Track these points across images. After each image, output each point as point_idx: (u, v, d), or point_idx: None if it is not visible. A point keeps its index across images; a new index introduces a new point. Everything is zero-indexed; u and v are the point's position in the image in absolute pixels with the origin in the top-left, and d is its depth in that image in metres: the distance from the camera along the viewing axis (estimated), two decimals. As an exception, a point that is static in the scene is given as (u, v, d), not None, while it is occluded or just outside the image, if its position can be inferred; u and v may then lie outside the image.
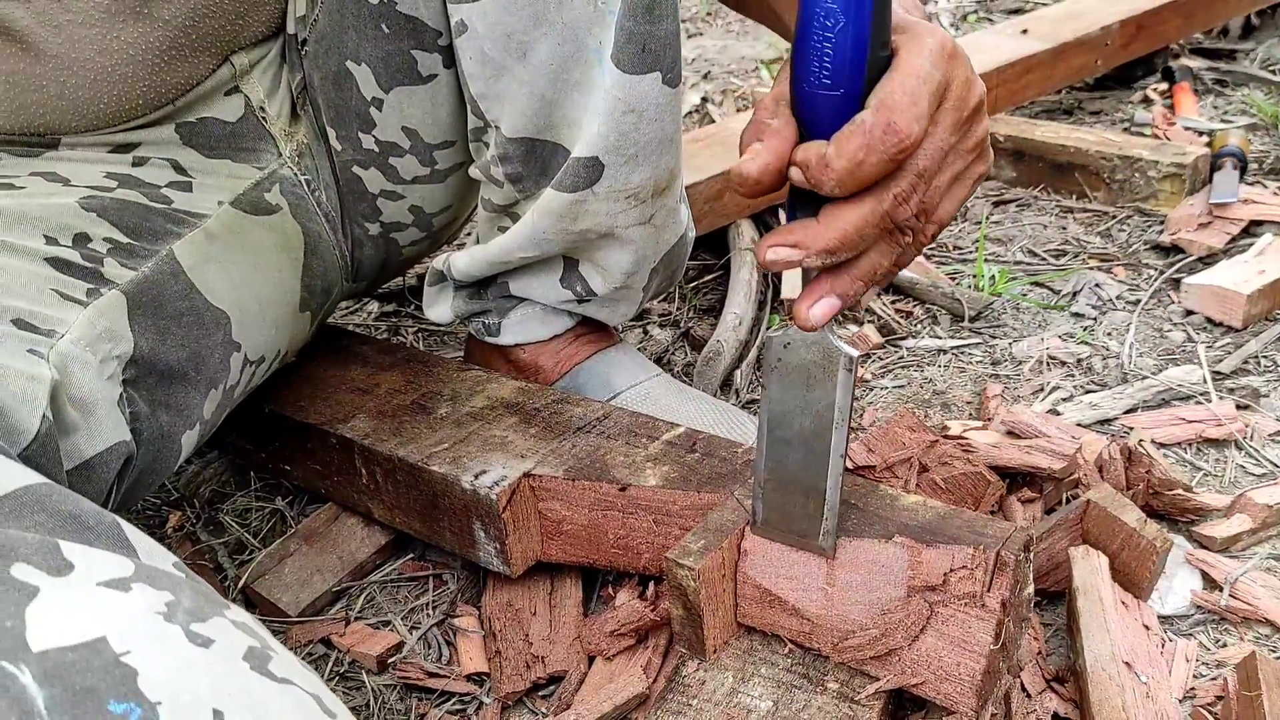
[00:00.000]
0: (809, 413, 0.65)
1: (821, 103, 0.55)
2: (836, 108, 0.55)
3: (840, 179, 0.55)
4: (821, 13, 0.52)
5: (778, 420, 0.67)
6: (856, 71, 0.54)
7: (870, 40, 0.53)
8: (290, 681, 0.44)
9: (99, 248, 0.75)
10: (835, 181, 0.55)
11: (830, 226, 0.57)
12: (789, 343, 0.64)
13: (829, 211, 0.58)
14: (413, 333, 1.36)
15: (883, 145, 0.54)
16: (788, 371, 0.65)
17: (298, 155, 0.92)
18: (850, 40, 0.53)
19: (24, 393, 0.62)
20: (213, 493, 1.08)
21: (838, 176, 0.55)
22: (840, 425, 0.64)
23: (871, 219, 0.57)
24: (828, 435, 0.65)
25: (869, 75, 0.54)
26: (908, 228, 0.59)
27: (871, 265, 0.60)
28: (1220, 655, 0.78)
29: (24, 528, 0.46)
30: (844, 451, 0.66)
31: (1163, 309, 1.25)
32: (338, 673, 0.86)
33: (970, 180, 0.62)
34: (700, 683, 0.72)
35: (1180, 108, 1.78)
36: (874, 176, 0.56)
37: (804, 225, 0.58)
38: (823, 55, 0.53)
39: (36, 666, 0.39)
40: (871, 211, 0.57)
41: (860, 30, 0.53)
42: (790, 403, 0.66)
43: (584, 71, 0.80)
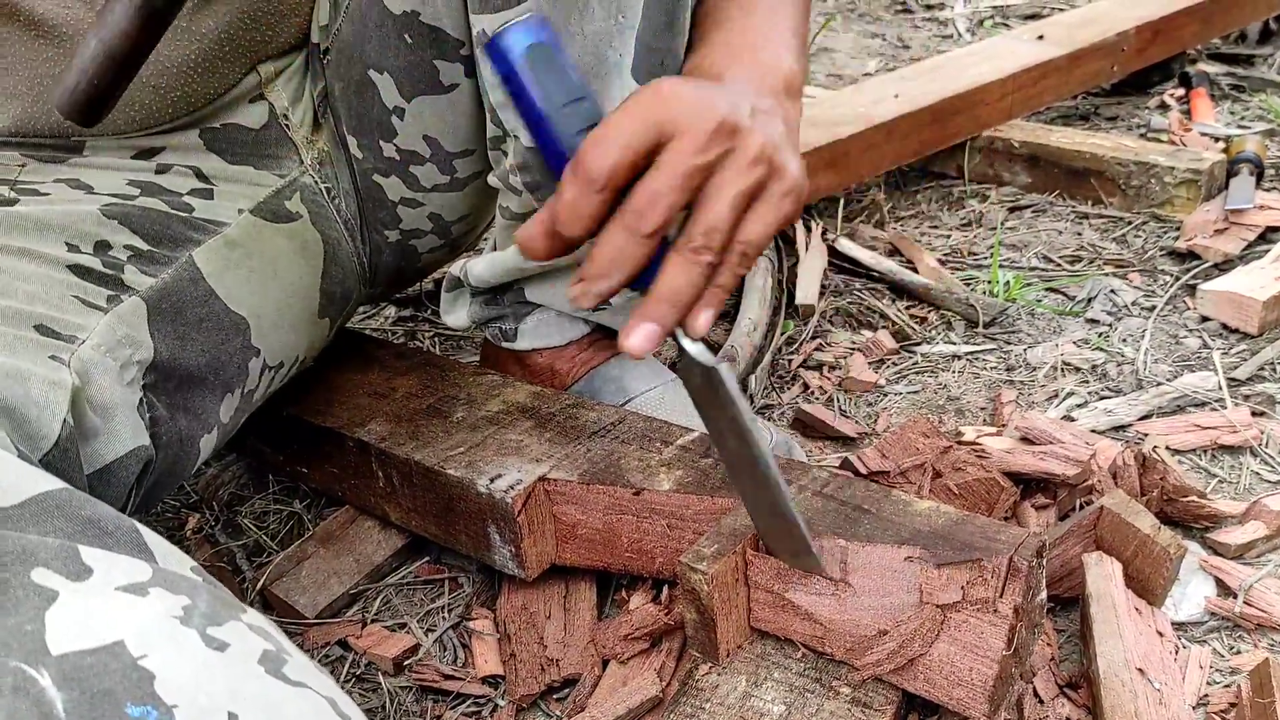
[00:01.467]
0: (730, 429, 0.65)
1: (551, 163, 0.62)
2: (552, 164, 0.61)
3: (564, 219, 0.60)
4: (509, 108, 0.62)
5: (720, 449, 0.68)
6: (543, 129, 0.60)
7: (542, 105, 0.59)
8: (305, 685, 0.45)
9: (120, 255, 0.76)
10: (561, 222, 0.60)
11: (592, 253, 0.61)
12: (687, 376, 0.65)
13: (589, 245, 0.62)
14: (429, 337, 1.36)
15: (579, 182, 0.59)
16: (699, 400, 0.65)
17: (319, 163, 0.92)
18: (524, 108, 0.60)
19: (45, 398, 0.63)
20: (231, 495, 1.09)
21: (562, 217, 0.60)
22: (750, 425, 0.64)
23: (618, 234, 0.60)
24: (749, 441, 0.64)
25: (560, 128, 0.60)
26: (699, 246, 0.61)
27: (671, 286, 0.62)
28: (1234, 662, 0.78)
29: (44, 533, 0.47)
30: (770, 442, 0.65)
31: (1178, 315, 1.24)
32: (354, 674, 0.86)
33: (771, 199, 0.64)
34: (713, 686, 0.72)
35: (1197, 113, 1.77)
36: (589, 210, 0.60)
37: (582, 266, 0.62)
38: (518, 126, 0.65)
39: (56, 670, 0.40)
40: (616, 228, 0.60)
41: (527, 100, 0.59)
42: (718, 428, 0.66)
43: (603, 83, 0.81)
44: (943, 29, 2.55)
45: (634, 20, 0.78)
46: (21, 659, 0.40)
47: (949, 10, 2.65)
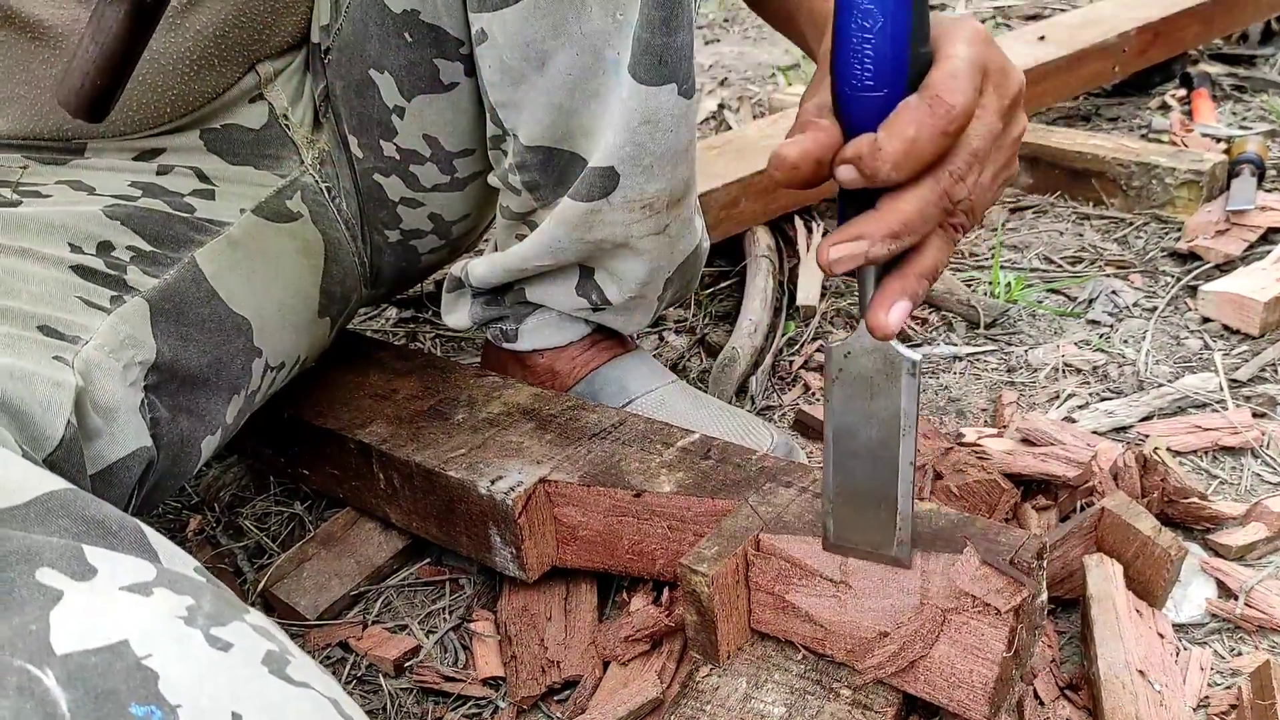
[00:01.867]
0: (875, 422, 0.64)
1: (865, 104, 0.54)
2: (880, 108, 0.54)
3: (896, 160, 0.54)
4: (860, 14, 0.51)
5: (843, 432, 0.65)
6: (899, 70, 0.53)
7: (910, 37, 0.52)
8: (308, 685, 0.45)
9: (122, 256, 0.76)
10: (891, 164, 0.54)
11: (891, 211, 0.56)
12: (849, 352, 0.63)
13: (887, 199, 0.56)
14: (430, 338, 1.37)
15: (933, 120, 0.53)
16: (849, 382, 0.63)
17: (319, 162, 0.93)
18: (890, 39, 0.52)
19: (49, 399, 0.63)
20: (233, 497, 1.09)
21: (893, 158, 0.53)
22: (908, 432, 0.63)
23: (932, 198, 0.56)
24: (895, 443, 0.63)
25: (911, 74, 0.54)
26: (959, 221, 0.58)
27: (933, 260, 0.58)
28: (1235, 664, 0.78)
29: (49, 532, 0.47)
30: (913, 459, 0.64)
31: (1179, 316, 1.24)
32: (355, 676, 0.86)
33: (1004, 179, 0.61)
34: (714, 688, 0.72)
35: (1198, 114, 1.77)
36: (929, 154, 0.54)
37: (863, 218, 0.56)
38: (863, 56, 0.53)
39: (60, 669, 0.40)
40: (931, 190, 0.56)
41: (900, 28, 0.52)
42: (855, 413, 0.64)
43: (601, 82, 0.81)
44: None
45: (631, 18, 0.78)
46: (26, 659, 0.40)
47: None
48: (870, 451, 0.65)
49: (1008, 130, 0.59)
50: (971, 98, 0.54)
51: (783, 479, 0.79)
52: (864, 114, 0.54)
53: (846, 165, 0.55)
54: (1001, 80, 0.57)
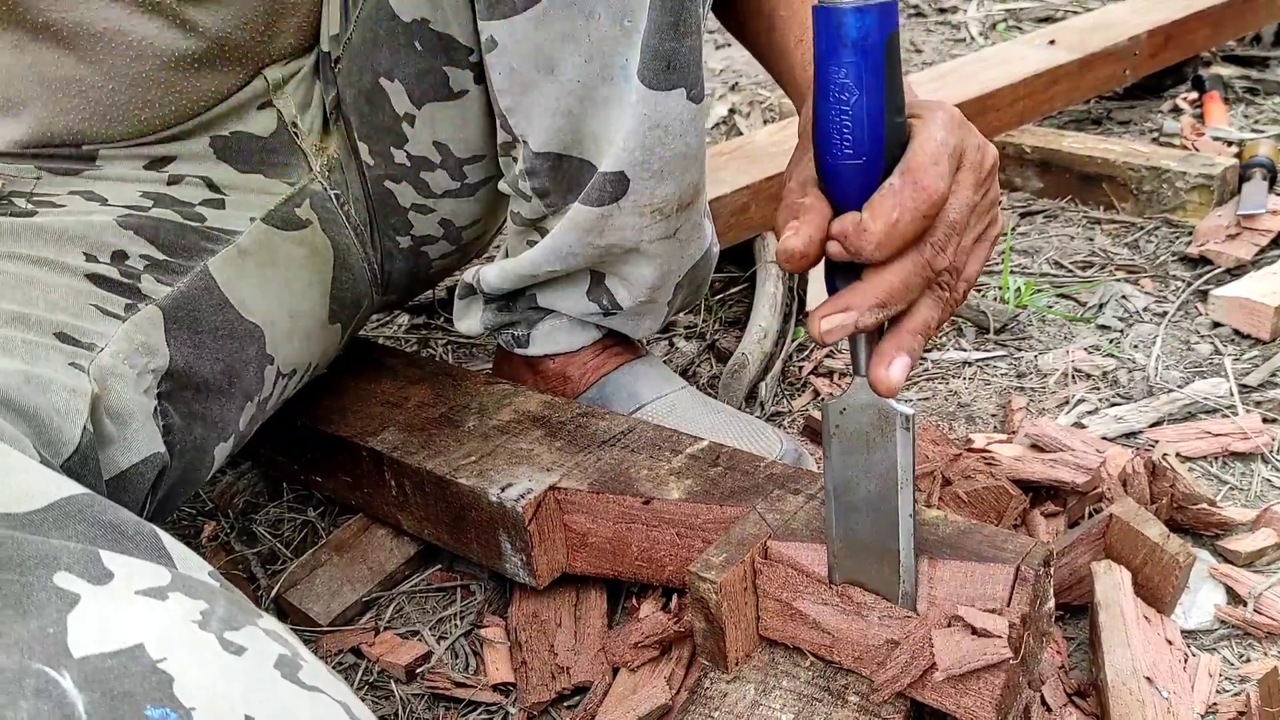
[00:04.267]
0: (873, 475, 0.66)
1: (847, 173, 0.58)
2: (862, 176, 0.58)
3: (879, 241, 0.58)
4: (836, 88, 0.55)
5: (843, 486, 0.67)
6: (876, 139, 0.57)
7: (885, 108, 0.56)
8: (320, 689, 0.46)
9: (136, 264, 0.77)
10: (875, 244, 0.58)
11: (877, 283, 0.60)
12: (844, 409, 0.65)
13: (872, 270, 0.60)
14: (442, 345, 1.37)
15: (914, 203, 0.58)
16: (846, 437, 0.65)
17: (328, 170, 0.93)
18: (866, 110, 0.55)
19: (66, 405, 0.64)
20: (246, 503, 1.10)
21: (876, 239, 0.58)
22: (905, 485, 0.65)
23: (914, 269, 0.60)
24: (894, 497, 0.66)
25: (888, 142, 0.57)
26: (945, 281, 0.62)
27: (924, 318, 0.62)
28: (1244, 670, 0.78)
29: (66, 537, 0.48)
30: (912, 511, 0.66)
31: (1190, 321, 1.24)
32: (367, 682, 0.87)
33: (989, 241, 0.66)
34: (722, 695, 0.72)
35: (1210, 117, 1.77)
36: (910, 235, 0.59)
37: (850, 290, 0.61)
38: (842, 128, 0.56)
39: (77, 672, 0.41)
40: (914, 262, 0.60)
41: (875, 100, 0.55)
42: (853, 468, 0.66)
43: (611, 88, 0.81)
44: (955, 33, 2.55)
45: (640, 24, 0.78)
46: (44, 661, 0.41)
47: (961, 14, 2.65)
48: (870, 505, 0.67)
49: (984, 200, 0.64)
50: (949, 181, 0.59)
51: (791, 486, 0.80)
52: (847, 183, 0.58)
53: (833, 242, 0.60)
54: (976, 158, 0.62)
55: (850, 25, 0.54)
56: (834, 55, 0.54)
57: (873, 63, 0.54)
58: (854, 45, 0.54)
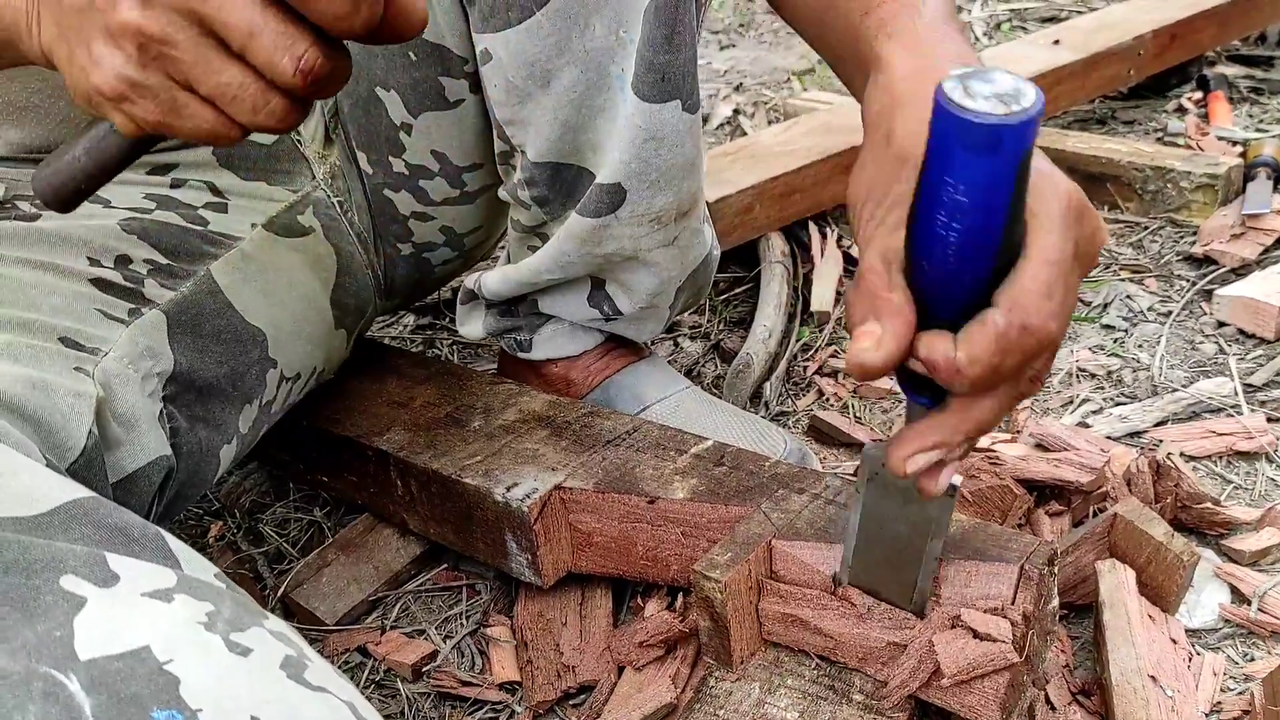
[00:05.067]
0: (905, 521, 0.65)
1: (945, 282, 0.48)
2: (964, 287, 0.49)
3: (974, 383, 0.50)
4: (948, 203, 0.45)
5: (871, 525, 0.67)
6: (987, 258, 0.47)
7: (1005, 230, 0.46)
8: (325, 690, 0.46)
9: (139, 269, 0.78)
10: (969, 385, 0.51)
11: (968, 417, 0.53)
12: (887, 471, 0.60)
13: (962, 402, 0.53)
14: (448, 345, 1.38)
15: (1020, 346, 0.49)
16: (883, 485, 0.64)
17: (330, 178, 0.94)
18: (980, 229, 0.46)
19: (71, 409, 0.64)
20: (253, 503, 1.11)
21: (973, 380, 0.50)
22: (937, 535, 0.65)
23: (1009, 401, 0.54)
24: (922, 544, 0.66)
25: (1001, 258, 0.48)
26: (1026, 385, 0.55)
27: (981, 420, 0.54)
28: (1248, 669, 0.78)
29: (72, 540, 0.48)
30: (939, 555, 0.66)
31: (1194, 321, 1.24)
32: (373, 681, 0.87)
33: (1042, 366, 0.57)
34: (727, 693, 0.73)
35: (1214, 117, 1.77)
36: (1011, 375, 0.51)
37: (937, 423, 0.54)
38: (947, 241, 0.46)
39: (84, 674, 0.41)
40: (1007, 397, 0.53)
41: (994, 221, 0.45)
42: (884, 511, 0.66)
43: (606, 98, 0.82)
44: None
45: (634, 35, 0.78)
46: (51, 664, 0.41)
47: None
48: (895, 545, 0.66)
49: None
50: (1063, 318, 0.50)
51: (795, 485, 0.80)
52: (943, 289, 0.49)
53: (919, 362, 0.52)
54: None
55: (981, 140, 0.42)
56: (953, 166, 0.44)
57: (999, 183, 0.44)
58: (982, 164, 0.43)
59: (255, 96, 0.51)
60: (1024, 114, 0.42)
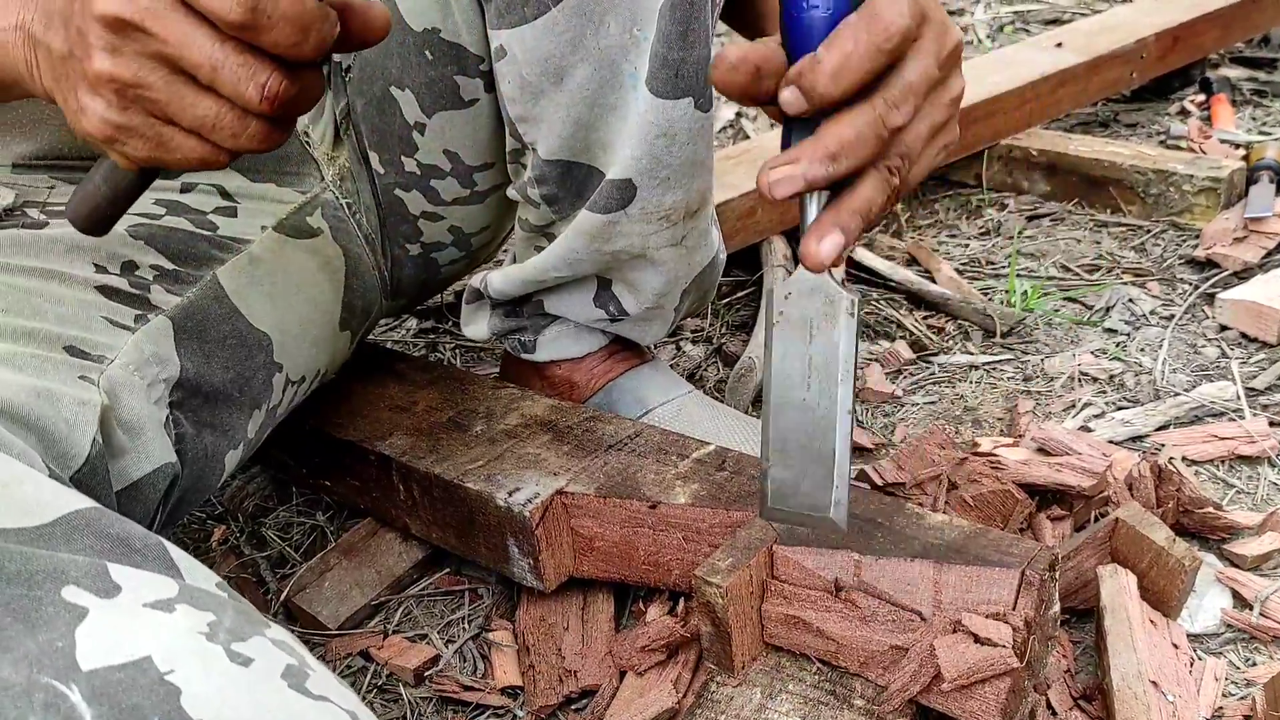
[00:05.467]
0: (814, 367, 0.62)
1: (810, 25, 0.56)
2: (822, 28, 0.56)
3: (833, 70, 0.55)
4: None
5: (782, 380, 0.63)
6: None
7: None
8: (327, 699, 0.46)
9: (146, 275, 0.78)
10: (829, 75, 0.55)
11: (828, 134, 0.57)
12: (790, 293, 0.62)
13: (825, 123, 0.57)
14: (450, 349, 1.38)
15: (870, 34, 0.55)
16: (790, 324, 0.62)
17: (339, 179, 0.94)
18: None
19: (75, 417, 0.65)
20: (256, 507, 1.11)
21: (831, 69, 0.55)
22: (845, 378, 0.62)
23: (868, 121, 0.56)
24: (834, 389, 0.62)
25: None
26: (895, 165, 0.59)
27: (867, 197, 0.59)
28: (1249, 674, 0.78)
29: (74, 551, 0.48)
30: (851, 408, 0.62)
31: (1197, 324, 1.24)
32: (376, 685, 0.88)
33: (941, 143, 0.62)
34: (729, 698, 0.73)
35: (1217, 120, 1.77)
36: (866, 69, 0.55)
37: (801, 143, 0.58)
38: None
39: (86, 685, 0.41)
40: (867, 115, 0.56)
41: None
42: (793, 360, 0.63)
43: (619, 96, 0.82)
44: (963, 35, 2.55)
45: (649, 33, 0.79)
46: (53, 675, 0.41)
47: (969, 16, 2.65)
48: (807, 401, 0.63)
49: (945, 84, 0.59)
50: (909, 22, 0.55)
51: (796, 491, 0.80)
52: (808, 33, 0.56)
53: (790, 87, 0.56)
54: (941, 31, 0.58)
55: None
56: None
57: None
58: None
59: (233, 123, 0.54)
60: None
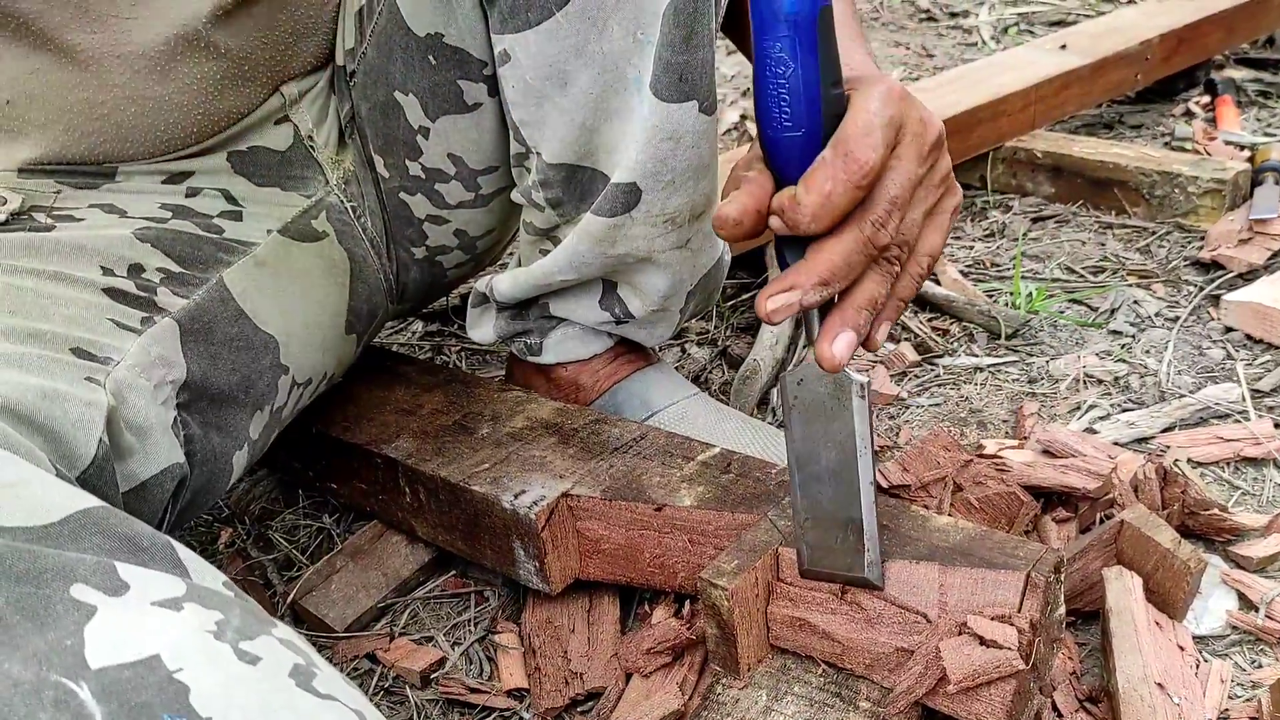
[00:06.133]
0: (833, 445, 0.67)
1: (786, 145, 0.59)
2: (801, 149, 0.59)
3: (814, 213, 0.58)
4: (771, 61, 0.57)
5: (805, 458, 0.68)
6: (813, 111, 0.58)
7: (821, 80, 0.57)
8: (334, 698, 0.46)
9: (152, 277, 0.78)
10: (810, 216, 0.58)
11: (818, 260, 0.60)
12: (802, 379, 0.66)
13: (814, 248, 0.61)
14: (456, 352, 1.38)
15: (845, 174, 0.58)
16: (805, 408, 0.66)
17: (344, 182, 0.94)
18: (802, 82, 0.57)
19: (81, 418, 0.65)
20: (262, 510, 1.11)
21: (810, 211, 0.58)
22: (864, 452, 0.66)
23: (854, 245, 0.60)
24: (854, 464, 0.66)
25: (825, 114, 0.58)
26: (893, 256, 0.62)
27: (870, 293, 0.62)
28: (1255, 676, 0.78)
29: (82, 549, 0.49)
30: (873, 479, 0.67)
31: (1202, 326, 1.24)
32: (382, 688, 0.88)
33: (946, 213, 0.66)
34: (734, 700, 0.73)
35: (1222, 121, 1.77)
36: (844, 206, 0.59)
37: (794, 268, 0.61)
38: (780, 100, 0.58)
39: (95, 683, 0.41)
40: (853, 239, 0.60)
41: (810, 72, 0.56)
42: (813, 439, 0.67)
43: (623, 100, 0.82)
44: (967, 37, 2.55)
45: (653, 36, 0.79)
46: (62, 673, 0.41)
47: (973, 18, 2.65)
48: (832, 475, 0.68)
49: (932, 172, 0.63)
50: (883, 153, 0.58)
51: (801, 492, 0.80)
52: (788, 155, 0.59)
53: (774, 217, 0.60)
54: (919, 129, 0.61)
55: (783, 1, 0.55)
56: (769, 29, 0.56)
57: (806, 37, 0.55)
58: (787, 19, 0.55)
59: None
60: None
